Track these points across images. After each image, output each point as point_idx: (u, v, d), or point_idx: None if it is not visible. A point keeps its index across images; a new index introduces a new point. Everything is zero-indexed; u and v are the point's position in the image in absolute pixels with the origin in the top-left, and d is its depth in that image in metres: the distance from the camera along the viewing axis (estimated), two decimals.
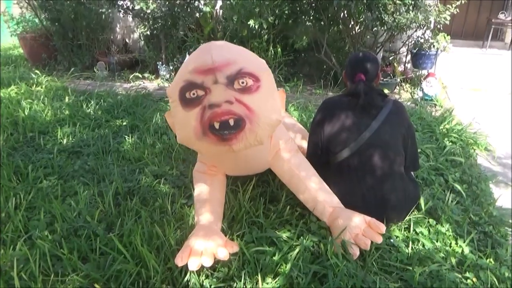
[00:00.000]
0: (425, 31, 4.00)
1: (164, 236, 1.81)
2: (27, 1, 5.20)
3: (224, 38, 4.55)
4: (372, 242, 1.72)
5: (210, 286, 1.60)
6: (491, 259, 1.74)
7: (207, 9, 4.21)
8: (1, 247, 1.82)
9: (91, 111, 3.62)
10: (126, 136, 3.03)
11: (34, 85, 4.34)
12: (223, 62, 1.49)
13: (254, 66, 1.55)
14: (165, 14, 4.21)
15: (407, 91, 4.25)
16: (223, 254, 1.58)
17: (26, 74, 4.68)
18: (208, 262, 1.55)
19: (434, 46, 3.85)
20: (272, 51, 4.45)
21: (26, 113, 3.50)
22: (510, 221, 2.02)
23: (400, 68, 4.53)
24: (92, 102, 3.77)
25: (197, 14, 4.41)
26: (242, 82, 1.49)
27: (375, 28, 3.58)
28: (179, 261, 1.57)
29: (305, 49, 4.26)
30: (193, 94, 1.50)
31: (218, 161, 1.93)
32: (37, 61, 5.39)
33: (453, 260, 1.73)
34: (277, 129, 1.90)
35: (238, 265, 1.68)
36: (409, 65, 4.55)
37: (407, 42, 4.20)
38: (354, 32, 4.04)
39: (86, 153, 2.83)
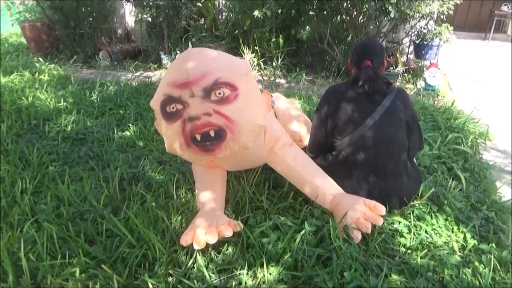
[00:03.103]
0: (428, 22, 3.99)
1: (168, 220, 1.83)
2: None
3: (226, 28, 4.55)
4: (374, 226, 1.74)
5: (215, 268, 1.62)
6: (493, 244, 1.76)
7: None
8: (7, 230, 1.84)
9: (95, 100, 3.63)
10: (130, 124, 3.04)
11: (37, 74, 4.35)
12: (198, 75, 1.49)
13: (231, 74, 1.54)
14: (168, 3, 4.19)
15: (409, 81, 4.25)
16: (227, 231, 1.60)
17: (29, 63, 4.68)
18: (213, 240, 1.58)
19: (436, 37, 3.84)
20: (275, 42, 4.44)
21: (29, 101, 3.52)
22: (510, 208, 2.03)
23: (403, 58, 4.53)
24: (95, 91, 3.78)
25: (199, 4, 4.38)
26: (219, 93, 1.50)
27: (379, 18, 3.57)
28: (184, 241, 1.60)
29: (308, 39, 4.25)
30: (173, 108, 1.53)
31: (213, 163, 1.95)
32: (39, 49, 5.38)
33: (456, 245, 1.75)
34: (270, 125, 1.92)
35: (242, 249, 1.71)
36: (411, 56, 4.54)
37: (410, 33, 4.19)
38: (357, 22, 4.03)
39: (90, 140, 2.84)
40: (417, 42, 4.13)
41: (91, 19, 5.21)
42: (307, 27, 4.08)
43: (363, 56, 2.01)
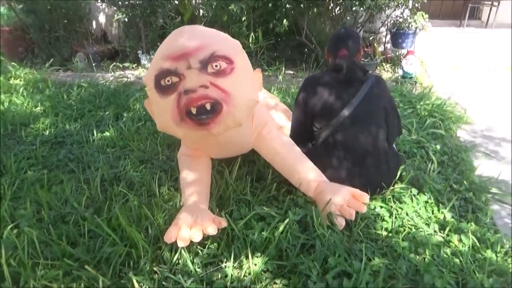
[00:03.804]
0: (403, 10, 4.04)
1: (152, 216, 1.82)
2: None
3: (203, 24, 4.52)
4: (357, 212, 1.76)
5: (201, 262, 1.62)
6: (472, 223, 1.80)
7: None
8: None
9: (73, 102, 3.58)
10: (110, 125, 3.01)
11: (12, 78, 4.26)
12: (195, 47, 1.48)
13: (227, 49, 1.54)
14: (143, 2, 4.15)
15: (387, 71, 4.30)
16: (211, 229, 1.60)
17: (3, 68, 4.57)
18: (198, 237, 1.58)
19: (412, 25, 3.90)
20: (253, 36, 4.44)
21: (5, 106, 3.44)
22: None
23: (381, 48, 4.58)
24: (73, 93, 3.73)
25: (176, 1, 4.35)
26: (216, 66, 1.49)
27: (354, 8, 3.60)
28: (168, 238, 1.59)
29: (286, 32, 4.26)
30: (168, 81, 1.50)
31: (201, 145, 1.93)
32: (14, 54, 5.27)
33: (436, 226, 1.78)
34: (257, 109, 1.92)
35: (227, 241, 1.71)
36: (389, 45, 4.59)
37: (386, 22, 4.24)
38: (334, 13, 4.05)
39: (69, 143, 2.80)
40: (394, 31, 4.18)
41: (66, 21, 5.12)
42: (284, 20, 4.08)
43: (340, 45, 2.03)
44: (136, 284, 1.51)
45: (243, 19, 4.33)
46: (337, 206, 1.77)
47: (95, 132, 2.88)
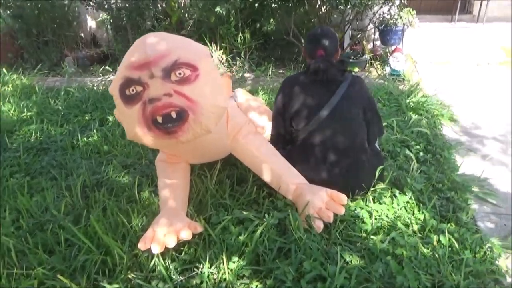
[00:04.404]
0: (390, 7, 4.02)
1: (129, 223, 1.81)
2: None
3: (190, 26, 4.51)
4: (336, 214, 1.75)
5: (176, 268, 1.61)
6: (452, 223, 1.79)
7: None
8: None
9: (60, 107, 3.56)
10: (94, 130, 2.99)
11: (1, 85, 4.24)
12: (157, 55, 1.46)
13: (190, 55, 1.52)
14: (130, 5, 4.13)
15: (377, 68, 4.28)
16: (186, 234, 1.59)
17: None
18: (171, 243, 1.56)
19: (398, 22, 3.88)
20: (242, 37, 4.42)
21: None
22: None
23: (370, 45, 4.56)
24: (60, 98, 3.71)
25: (162, 4, 4.33)
26: (179, 73, 1.47)
27: (340, 6, 3.58)
28: (142, 245, 1.58)
29: (274, 32, 4.24)
30: (132, 90, 1.48)
31: (177, 151, 1.92)
32: (3, 60, 5.25)
33: (415, 227, 1.77)
34: (232, 113, 1.90)
35: (204, 247, 1.70)
36: (378, 43, 4.57)
37: (373, 19, 4.22)
38: (321, 12, 4.03)
39: (53, 149, 2.79)
40: (381, 28, 4.16)
41: (54, 25, 5.10)
42: (271, 20, 4.07)
43: (316, 45, 2.01)
44: None
45: (231, 19, 4.31)
46: (315, 209, 1.75)
47: (79, 138, 2.87)
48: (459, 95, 3.43)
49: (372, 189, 1.96)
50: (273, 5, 4.02)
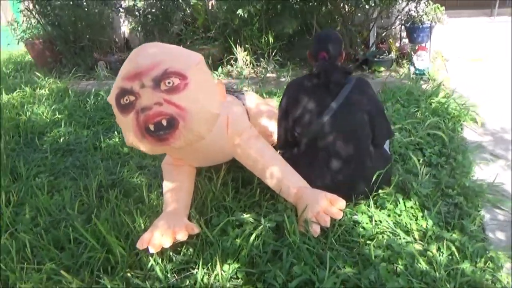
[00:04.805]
0: (417, 4, 3.89)
1: (133, 223, 1.89)
2: (28, 8, 5.37)
3: (217, 29, 4.59)
4: (335, 219, 1.74)
5: (173, 268, 1.67)
6: (456, 231, 1.73)
7: (194, 1, 4.24)
8: None
9: (88, 110, 3.75)
10: (116, 132, 3.13)
11: (38, 88, 4.52)
12: (147, 65, 1.52)
13: (180, 65, 1.56)
14: (156, 10, 4.27)
15: (404, 67, 4.16)
16: (181, 235, 1.65)
17: (31, 79, 4.86)
18: (167, 243, 1.62)
19: (423, 18, 3.75)
20: (265, 38, 4.44)
21: (27, 116, 3.66)
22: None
23: (397, 44, 4.44)
24: (90, 101, 3.90)
25: (187, 8, 4.44)
26: (169, 83, 1.51)
27: (361, 5, 3.52)
28: (140, 245, 1.65)
29: (297, 32, 4.23)
30: (126, 100, 1.55)
31: (180, 155, 1.98)
32: (44, 65, 5.58)
33: (416, 233, 1.72)
34: (233, 117, 1.93)
35: (201, 248, 1.74)
36: (406, 41, 4.44)
37: (400, 17, 4.10)
38: (344, 11, 3.98)
39: (78, 150, 2.95)
40: (408, 25, 4.03)
41: (89, 31, 5.35)
42: (293, 20, 4.06)
43: (319, 48, 2.00)
44: (108, 287, 1.58)
45: (254, 21, 4.34)
46: (314, 213, 1.75)
47: (102, 139, 3.01)
48: (489, 95, 3.26)
49: (375, 193, 1.93)
50: (295, 6, 4.01)
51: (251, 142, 1.95)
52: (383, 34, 4.21)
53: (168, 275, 1.64)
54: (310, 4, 3.89)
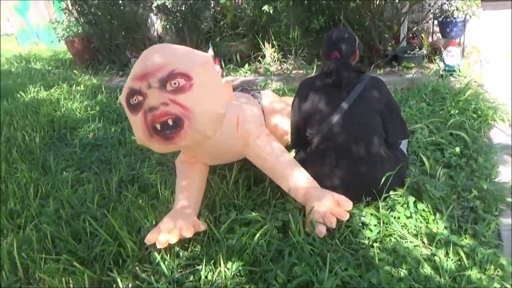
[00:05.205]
0: None
1: (145, 218, 1.96)
2: (67, 7, 5.62)
3: (246, 26, 4.61)
4: (342, 220, 1.73)
5: (180, 264, 1.72)
6: (467, 236, 1.66)
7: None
8: (13, 230, 2.09)
9: (118, 107, 3.89)
10: None
11: (75, 85, 4.73)
12: (154, 67, 1.57)
13: (185, 66, 1.59)
14: (184, 7, 4.35)
15: (436, 62, 4.01)
16: (187, 231, 1.69)
17: (69, 76, 5.10)
18: (173, 239, 1.68)
19: (455, 12, 3.58)
20: (293, 34, 4.42)
21: (62, 112, 3.86)
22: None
23: (430, 38, 4.27)
24: (119, 98, 4.03)
25: (216, 6, 4.49)
26: (174, 83, 1.55)
27: (388, 0, 3.41)
28: (148, 240, 1.72)
29: (324, 29, 4.17)
30: (135, 100, 1.60)
31: (193, 153, 2.03)
32: (82, 62, 5.84)
33: (425, 237, 1.68)
34: (244, 117, 1.95)
35: (207, 245, 1.78)
36: (439, 35, 4.27)
37: (432, 10, 3.94)
38: (373, 5, 3.88)
39: (105, 146, 3.07)
40: (440, 20, 3.87)
41: (124, 29, 5.53)
42: (320, 16, 4.01)
43: (331, 47, 1.98)
44: (119, 281, 1.65)
45: (282, 17, 4.32)
46: (320, 214, 1.75)
47: (127, 135, 3.12)
48: None
49: (386, 195, 1.89)
50: (322, 1, 3.96)
51: (261, 141, 1.96)
52: (414, 29, 4.06)
53: (174, 270, 1.69)
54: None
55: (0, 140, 3.28)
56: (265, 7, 3.95)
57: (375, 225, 1.77)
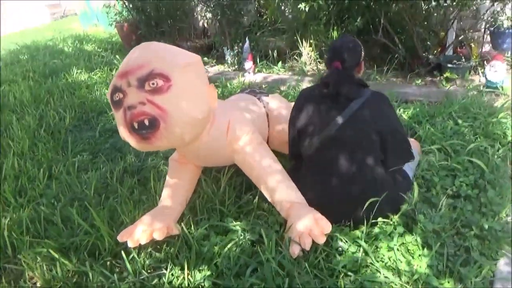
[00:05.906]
0: (505, 5, 3.38)
1: (129, 213, 1.98)
2: None
3: (281, 21, 4.51)
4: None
5: (150, 264, 1.72)
6: (451, 279, 1.51)
7: None
8: (14, 208, 2.20)
9: None
10: None
11: (115, 70, 4.90)
12: (135, 65, 1.55)
13: (166, 66, 1.56)
14: (225, 2, 4.35)
15: (481, 76, 3.67)
16: (157, 235, 1.69)
17: (111, 60, 5.29)
18: (143, 240, 1.68)
19: (505, 22, 3.24)
20: (331, 34, 4.25)
21: (94, 96, 4.01)
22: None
23: (480, 49, 3.92)
24: None
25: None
26: (153, 83, 1.53)
27: (430, 6, 3.15)
28: (121, 237, 1.73)
29: (362, 30, 3.97)
30: (117, 97, 1.60)
31: (181, 153, 2.01)
32: (130, 47, 6.02)
33: (403, 275, 1.54)
34: (235, 122, 1.89)
35: (182, 249, 1.77)
36: (489, 46, 3.90)
37: (483, 19, 3.60)
38: (416, 10, 3.62)
39: None
40: (492, 29, 3.53)
41: (170, 18, 5.62)
42: (359, 18, 3.81)
43: (333, 56, 1.87)
44: (90, 275, 1.68)
45: (321, 16, 4.17)
46: (298, 233, 1.66)
47: None
48: None
49: (374, 221, 1.76)
50: (362, 2, 3.76)
51: (250, 148, 1.90)
52: (460, 38, 3.74)
53: (143, 270, 1.69)
54: (377, 0, 3.61)
55: None
56: (301, 5, 3.82)
57: (353, 253, 1.65)
